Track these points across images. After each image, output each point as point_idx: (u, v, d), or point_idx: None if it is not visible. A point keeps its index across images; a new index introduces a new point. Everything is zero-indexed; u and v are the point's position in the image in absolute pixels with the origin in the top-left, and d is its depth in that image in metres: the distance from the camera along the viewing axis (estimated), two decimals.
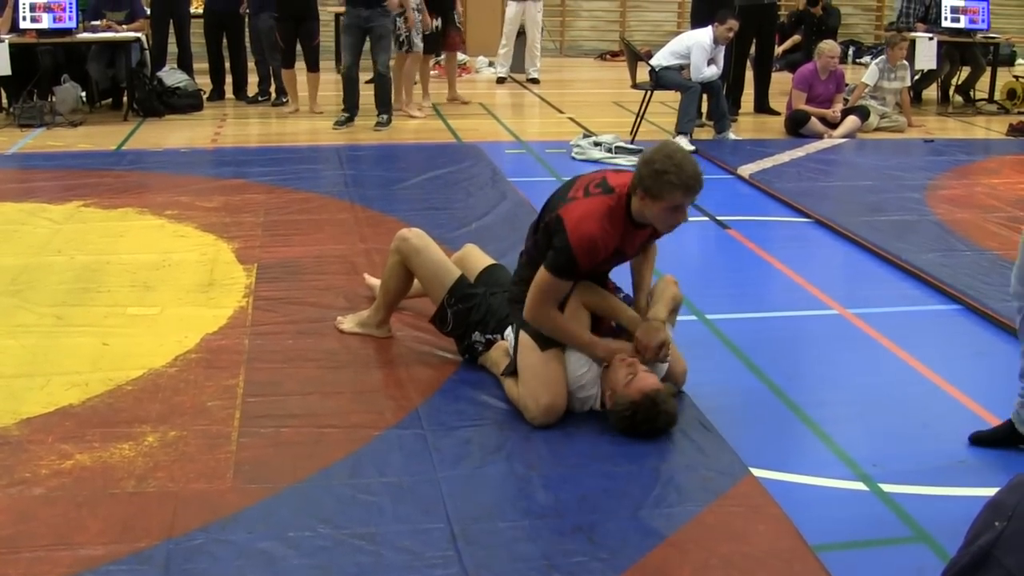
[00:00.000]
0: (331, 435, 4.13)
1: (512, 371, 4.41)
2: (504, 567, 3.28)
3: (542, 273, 4.16)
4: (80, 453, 3.94)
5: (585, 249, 4.06)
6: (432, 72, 12.88)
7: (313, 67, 11.81)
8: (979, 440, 4.25)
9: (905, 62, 11.60)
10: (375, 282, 5.42)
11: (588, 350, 4.27)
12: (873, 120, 11.35)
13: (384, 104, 11.07)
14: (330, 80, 12.91)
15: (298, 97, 12.00)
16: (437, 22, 12.11)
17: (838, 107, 11.19)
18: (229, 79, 12.89)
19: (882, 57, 11.61)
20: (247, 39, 12.95)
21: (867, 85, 11.44)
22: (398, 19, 11.28)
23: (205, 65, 12.85)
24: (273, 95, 12.50)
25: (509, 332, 4.54)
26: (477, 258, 5.17)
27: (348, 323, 5.17)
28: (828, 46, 11.27)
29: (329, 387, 4.58)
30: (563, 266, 4.10)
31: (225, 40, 12.66)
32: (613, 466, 3.89)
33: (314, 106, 11.93)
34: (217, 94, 12.75)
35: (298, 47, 11.74)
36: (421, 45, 11.68)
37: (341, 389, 4.56)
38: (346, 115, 11.20)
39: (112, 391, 4.51)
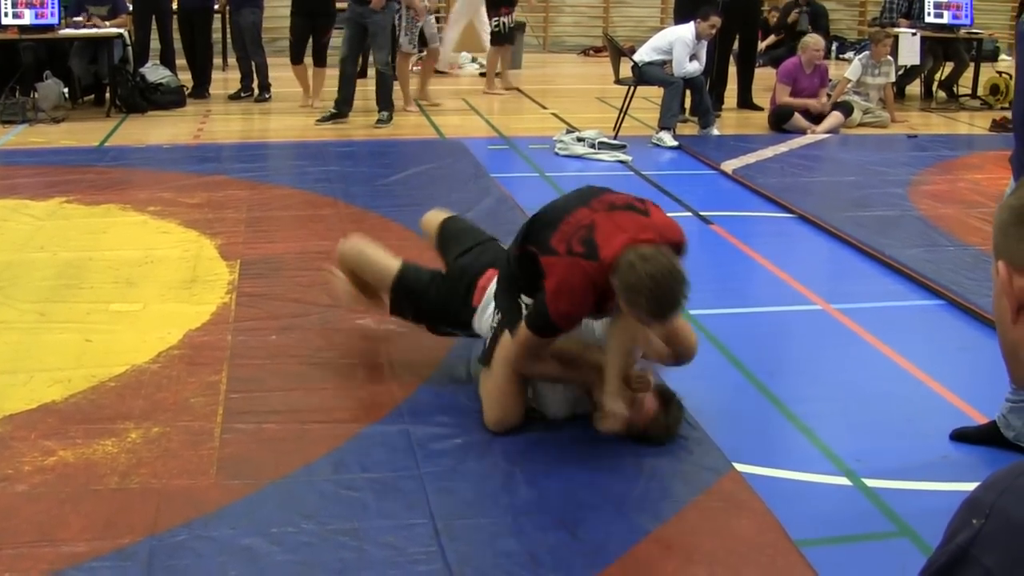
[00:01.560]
0: (314, 431, 4.12)
1: (487, 361, 4.29)
2: (487, 562, 3.28)
3: (522, 329, 3.94)
4: (63, 450, 3.93)
5: (563, 318, 3.86)
6: (413, 68, 12.87)
7: (320, 62, 11.82)
8: (961, 437, 4.26)
9: (889, 58, 11.62)
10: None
11: (580, 378, 4.10)
12: (856, 116, 11.38)
13: (385, 101, 11.01)
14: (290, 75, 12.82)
15: (310, 89, 11.95)
16: (508, 19, 12.37)
17: (824, 99, 11.21)
18: (216, 75, 12.84)
19: (865, 53, 11.62)
20: (228, 35, 12.91)
21: (849, 80, 11.46)
22: (398, 16, 11.30)
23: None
24: (256, 91, 12.47)
25: (488, 314, 4.38)
26: (431, 219, 5.02)
27: (344, 295, 5.03)
28: (813, 40, 11.31)
29: (312, 383, 4.57)
30: (542, 328, 3.89)
31: (193, 36, 12.62)
32: (596, 461, 3.89)
33: (315, 100, 11.89)
34: (198, 91, 12.70)
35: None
36: (408, 45, 11.69)
37: (324, 385, 4.56)
38: (332, 111, 11.15)
39: (95, 387, 4.49)
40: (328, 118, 11.05)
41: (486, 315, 4.38)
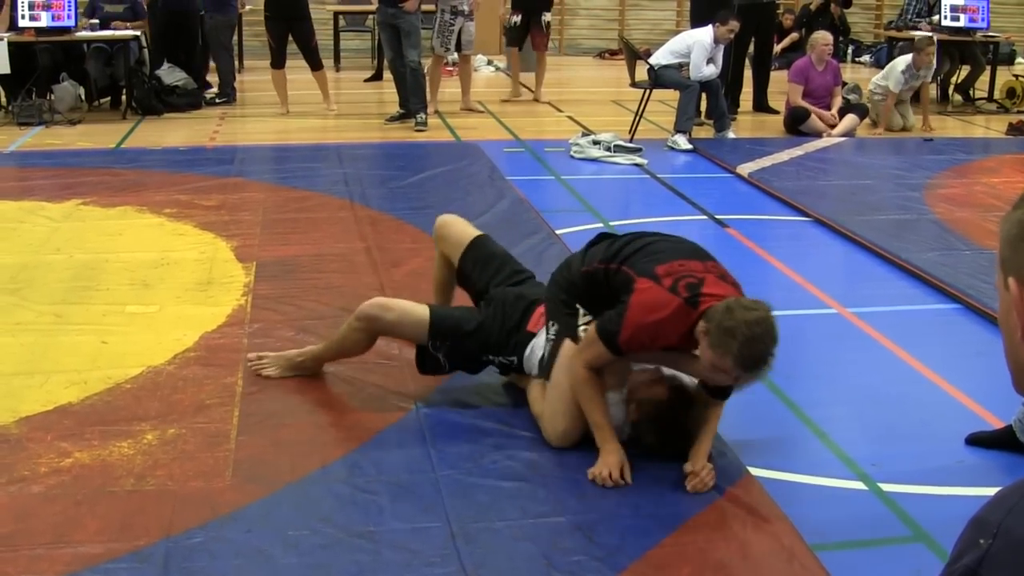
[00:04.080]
0: (330, 433, 4.13)
1: (547, 374, 4.15)
2: (503, 566, 3.28)
3: (590, 334, 3.83)
4: (79, 451, 3.94)
5: (633, 337, 3.72)
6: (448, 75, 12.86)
7: (316, 66, 11.80)
8: (977, 441, 4.25)
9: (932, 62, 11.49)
10: None
11: (594, 428, 3.87)
12: (897, 121, 11.31)
13: (418, 101, 10.98)
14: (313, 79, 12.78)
15: (287, 99, 11.87)
16: (516, 18, 12.22)
17: (838, 100, 11.13)
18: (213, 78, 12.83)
19: (907, 62, 11.28)
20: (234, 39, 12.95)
21: (894, 94, 11.29)
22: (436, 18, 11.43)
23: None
24: (215, 92, 12.48)
25: (540, 338, 4.25)
26: (459, 232, 4.79)
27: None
28: (820, 36, 11.20)
29: (328, 385, 4.57)
30: (609, 337, 3.74)
31: (181, 40, 12.56)
32: None
33: (330, 104, 11.90)
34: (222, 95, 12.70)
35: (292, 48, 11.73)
36: (441, 48, 11.70)
37: (340, 387, 4.56)
38: (399, 111, 11.22)
39: (111, 389, 4.50)
40: (397, 118, 11.16)
41: (540, 340, 4.23)
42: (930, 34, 12.55)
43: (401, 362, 4.81)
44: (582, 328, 4.06)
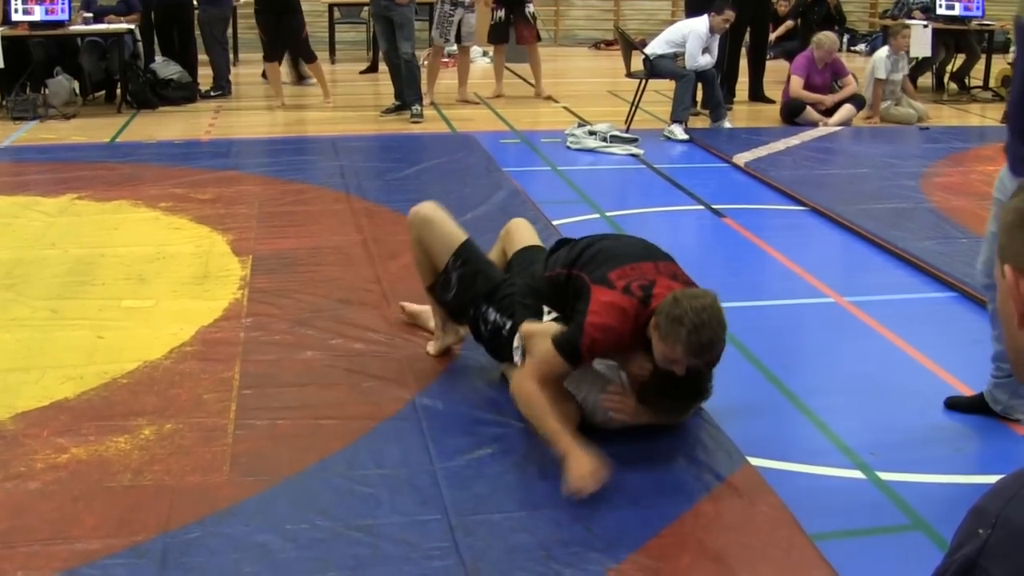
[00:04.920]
0: (328, 427, 4.12)
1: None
2: (501, 558, 3.28)
3: (548, 346, 3.83)
4: (75, 447, 3.93)
5: (593, 343, 3.77)
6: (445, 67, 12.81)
7: (309, 58, 11.79)
8: (954, 406, 4.41)
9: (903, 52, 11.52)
10: (415, 308, 5.10)
11: (552, 437, 3.73)
12: (892, 109, 11.27)
13: (414, 93, 10.96)
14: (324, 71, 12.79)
15: (282, 91, 11.86)
16: (500, 13, 12.10)
17: (849, 89, 11.09)
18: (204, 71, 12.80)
19: (886, 48, 11.42)
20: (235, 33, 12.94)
21: (884, 80, 11.27)
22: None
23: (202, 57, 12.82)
24: (206, 86, 12.46)
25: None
26: (522, 234, 4.88)
27: (432, 347, 4.83)
28: (828, 40, 11.12)
29: (325, 379, 4.57)
30: (569, 349, 3.77)
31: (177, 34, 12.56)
32: (610, 456, 3.87)
33: (328, 97, 11.88)
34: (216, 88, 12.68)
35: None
36: (440, 39, 11.67)
37: (337, 380, 4.55)
38: (395, 103, 11.23)
39: (107, 384, 4.50)
40: (393, 110, 11.17)
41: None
42: (920, 21, 12.54)
43: (400, 355, 4.81)
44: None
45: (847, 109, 11.02)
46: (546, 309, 4.26)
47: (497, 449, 3.97)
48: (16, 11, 10.94)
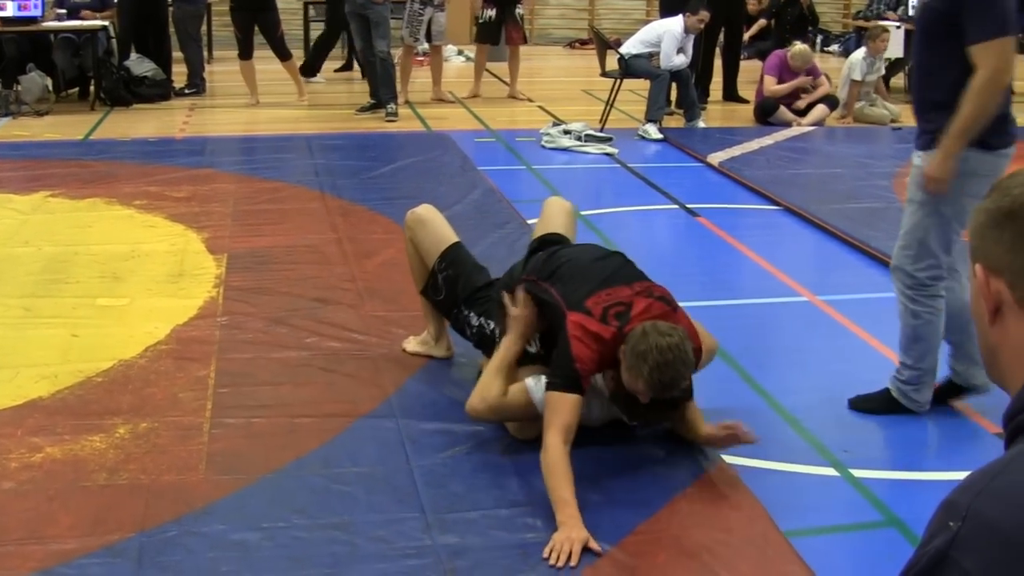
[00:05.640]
0: (304, 425, 4.12)
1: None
2: (478, 556, 3.29)
3: (552, 397, 3.73)
4: (50, 446, 3.92)
5: (588, 365, 3.73)
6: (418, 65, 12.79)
7: (284, 56, 11.74)
8: (858, 406, 4.44)
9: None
10: (413, 346, 4.89)
11: (560, 504, 3.51)
12: (868, 111, 11.31)
13: (388, 91, 10.95)
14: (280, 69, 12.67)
15: (257, 89, 11.80)
16: (491, 12, 12.06)
17: (822, 90, 11.15)
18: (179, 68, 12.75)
19: (863, 50, 11.45)
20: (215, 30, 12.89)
21: (860, 82, 11.31)
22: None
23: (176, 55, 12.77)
24: (181, 83, 12.42)
25: None
26: (549, 218, 4.81)
27: (412, 344, 4.86)
28: (802, 57, 11.07)
29: (301, 377, 4.57)
30: (568, 382, 3.71)
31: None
32: (585, 454, 3.88)
33: (303, 95, 11.85)
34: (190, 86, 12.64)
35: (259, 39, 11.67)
36: (410, 38, 11.67)
37: (314, 379, 4.55)
38: (370, 101, 11.22)
39: (82, 383, 4.48)
40: (368, 108, 11.17)
41: None
42: (893, 22, 12.60)
43: (375, 353, 4.82)
44: None
45: (820, 109, 11.07)
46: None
47: (472, 447, 3.98)
48: None
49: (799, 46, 11.38)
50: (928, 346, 4.27)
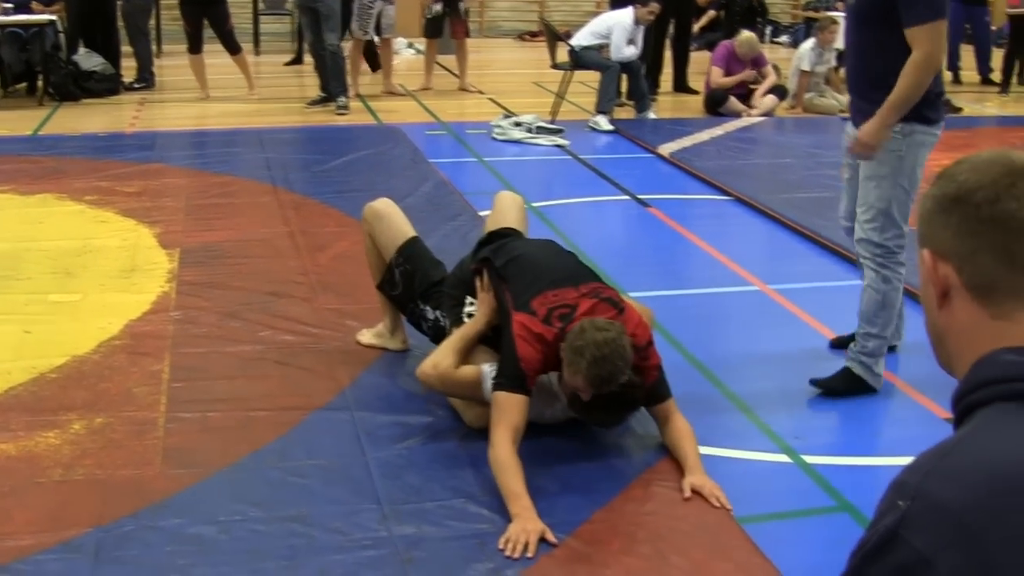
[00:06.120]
0: (259, 418, 4.13)
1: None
2: (435, 546, 3.31)
3: (496, 396, 3.76)
4: (4, 443, 3.90)
5: (533, 364, 3.76)
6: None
7: (234, 50, 11.66)
8: (820, 384, 4.54)
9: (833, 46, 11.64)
10: (368, 339, 4.89)
11: (512, 498, 3.51)
12: (818, 101, 11.39)
13: (339, 84, 10.93)
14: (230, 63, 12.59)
15: (207, 83, 11.74)
16: (438, 6, 12.04)
17: (769, 81, 11.23)
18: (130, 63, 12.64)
19: (812, 40, 11.56)
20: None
21: (808, 73, 11.39)
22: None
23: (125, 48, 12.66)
24: (130, 78, 12.34)
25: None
26: (499, 213, 4.82)
27: (366, 336, 4.88)
28: (747, 44, 11.17)
29: (256, 370, 4.57)
30: (514, 381, 3.74)
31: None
32: (540, 443, 3.92)
33: (253, 88, 11.78)
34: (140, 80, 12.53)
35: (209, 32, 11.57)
36: (359, 31, 11.62)
37: (268, 372, 4.56)
38: (321, 95, 11.19)
39: (35, 379, 4.46)
40: (318, 101, 11.14)
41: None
42: (841, 13, 12.70)
43: (330, 346, 4.82)
44: (467, 312, 4.30)
45: (770, 99, 11.16)
46: (468, 300, 4.35)
47: (428, 438, 4.00)
48: None
49: (745, 34, 11.47)
50: (893, 313, 4.46)
